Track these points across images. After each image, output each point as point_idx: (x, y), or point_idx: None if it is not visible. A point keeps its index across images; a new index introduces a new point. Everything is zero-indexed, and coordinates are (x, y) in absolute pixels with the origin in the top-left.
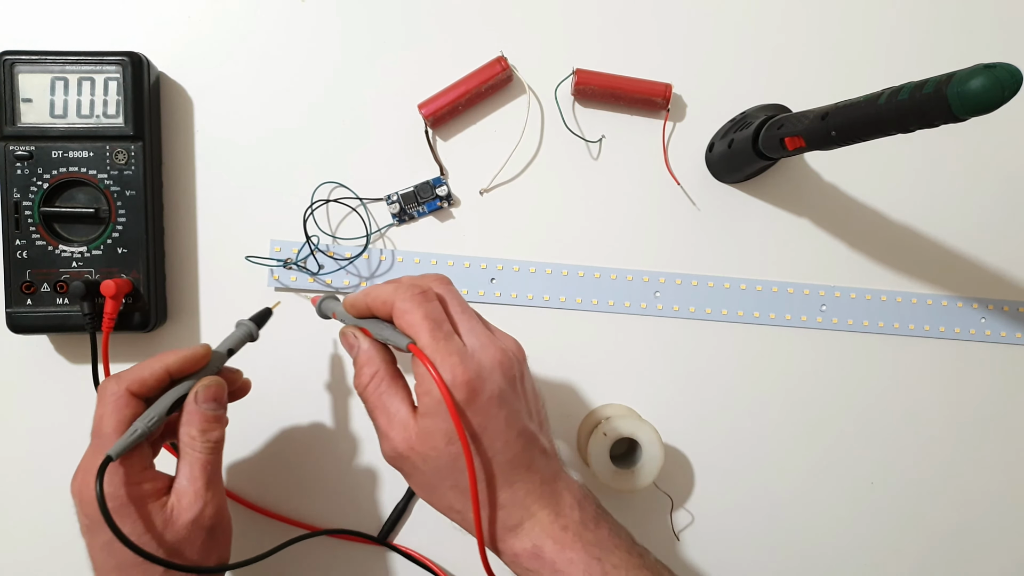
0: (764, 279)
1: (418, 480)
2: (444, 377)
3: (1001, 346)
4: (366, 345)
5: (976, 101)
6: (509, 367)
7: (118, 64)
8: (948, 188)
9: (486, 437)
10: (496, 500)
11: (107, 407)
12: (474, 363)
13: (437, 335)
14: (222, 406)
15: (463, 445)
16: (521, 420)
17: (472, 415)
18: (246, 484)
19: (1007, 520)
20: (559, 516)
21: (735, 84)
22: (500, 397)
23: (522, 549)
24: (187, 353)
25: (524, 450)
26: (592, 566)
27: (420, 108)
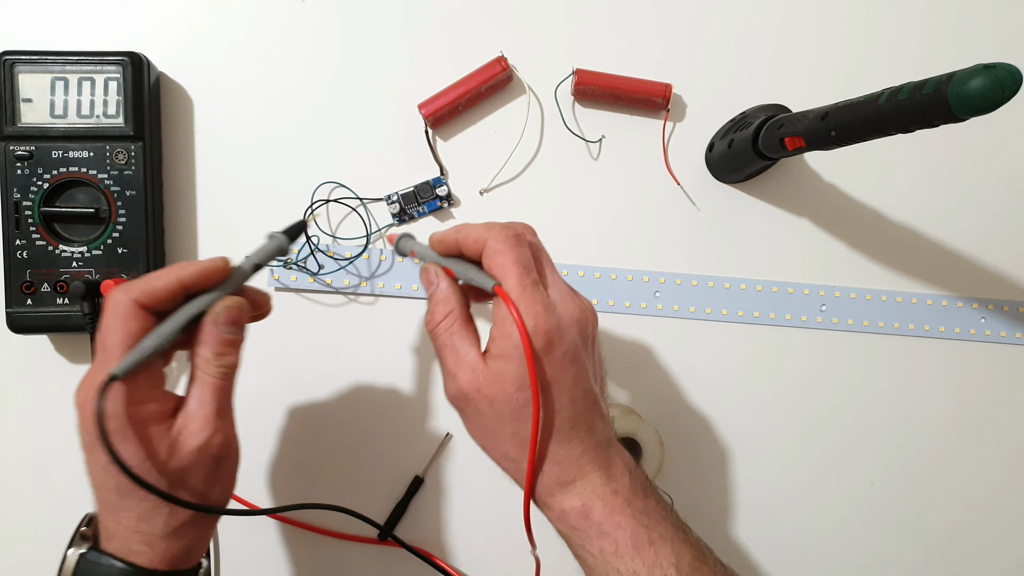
0: (764, 279)
1: (477, 423)
2: (526, 323)
3: (1001, 346)
4: (444, 284)
5: (976, 101)
6: (585, 326)
7: (118, 64)
8: (948, 188)
9: (555, 390)
10: (555, 454)
11: (114, 318)
12: (556, 315)
13: (525, 281)
14: (241, 329)
15: (533, 392)
16: (588, 380)
17: (546, 366)
18: (246, 483)
19: (1007, 520)
20: (611, 480)
21: (735, 84)
22: (574, 353)
23: (571, 507)
24: (205, 265)
25: (587, 410)
26: (639, 533)
27: (420, 108)
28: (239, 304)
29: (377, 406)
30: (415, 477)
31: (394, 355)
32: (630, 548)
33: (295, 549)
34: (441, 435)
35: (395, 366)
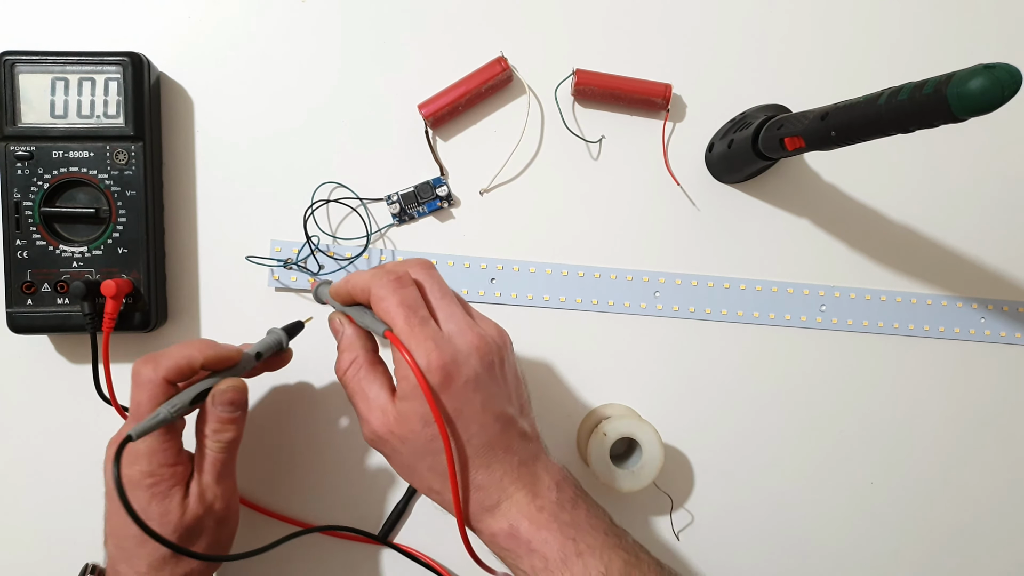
0: (764, 279)
1: (398, 461)
2: (419, 362)
3: (1001, 346)
4: (349, 331)
5: (976, 101)
6: (487, 352)
7: (118, 64)
8: (948, 188)
9: (462, 420)
10: (473, 481)
11: (144, 393)
12: (450, 348)
13: (412, 320)
14: (239, 408)
15: (439, 427)
16: (498, 404)
17: (448, 399)
18: (247, 483)
19: (1007, 520)
20: (536, 497)
21: (735, 84)
22: (476, 381)
23: (499, 529)
24: (222, 352)
25: (501, 433)
26: (566, 546)
27: (420, 108)
28: (235, 387)
29: None
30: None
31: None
32: (559, 562)
33: (295, 549)
34: None
35: None
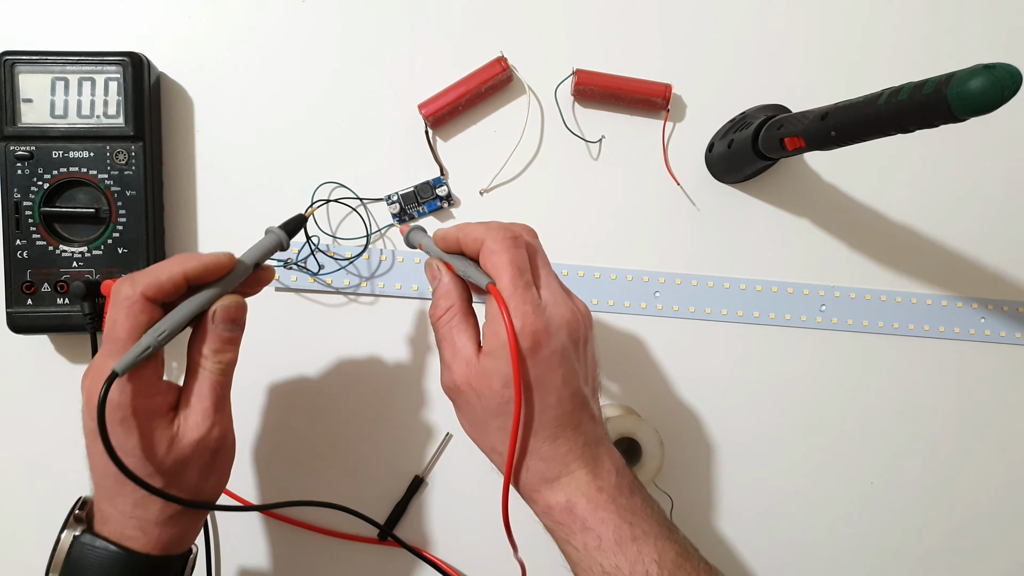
0: (764, 279)
1: (468, 415)
2: (515, 323)
3: (1001, 346)
4: (447, 279)
5: (976, 101)
6: (576, 328)
7: (118, 64)
8: (948, 188)
9: (541, 389)
10: (538, 451)
11: (120, 311)
12: (545, 316)
13: (518, 282)
14: (240, 327)
15: (516, 391)
16: (577, 381)
17: (532, 365)
18: (246, 482)
19: (1007, 520)
20: (596, 478)
21: (735, 84)
22: (562, 354)
23: (556, 502)
24: (208, 260)
25: (574, 410)
26: (623, 528)
27: (420, 108)
28: (238, 303)
29: (377, 406)
30: (415, 477)
31: (394, 355)
32: (613, 543)
33: (295, 549)
34: (441, 435)
35: (395, 366)
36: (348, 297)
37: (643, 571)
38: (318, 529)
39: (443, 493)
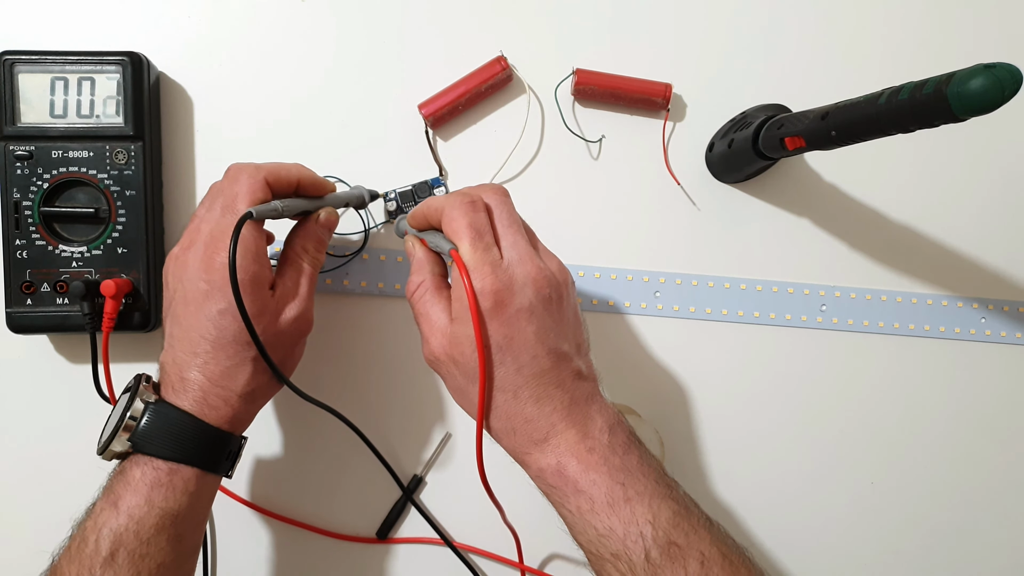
0: (764, 279)
1: (451, 384)
2: (475, 284)
3: (1001, 346)
4: (420, 254)
5: (976, 101)
6: (544, 285)
7: (118, 64)
8: (948, 188)
9: (512, 348)
10: (522, 413)
11: (243, 186)
12: (506, 275)
13: (477, 244)
14: (330, 236)
15: (478, 349)
16: (552, 339)
17: (499, 325)
18: (246, 480)
19: (1007, 520)
20: (586, 437)
21: (735, 84)
22: (529, 311)
23: (547, 464)
24: (319, 179)
25: (554, 367)
26: (614, 490)
27: (420, 108)
28: (336, 215)
29: (377, 406)
30: (414, 476)
31: (393, 354)
32: (605, 505)
33: (295, 549)
34: (441, 435)
35: (394, 365)
36: (346, 296)
37: (637, 532)
38: (316, 529)
39: (442, 493)
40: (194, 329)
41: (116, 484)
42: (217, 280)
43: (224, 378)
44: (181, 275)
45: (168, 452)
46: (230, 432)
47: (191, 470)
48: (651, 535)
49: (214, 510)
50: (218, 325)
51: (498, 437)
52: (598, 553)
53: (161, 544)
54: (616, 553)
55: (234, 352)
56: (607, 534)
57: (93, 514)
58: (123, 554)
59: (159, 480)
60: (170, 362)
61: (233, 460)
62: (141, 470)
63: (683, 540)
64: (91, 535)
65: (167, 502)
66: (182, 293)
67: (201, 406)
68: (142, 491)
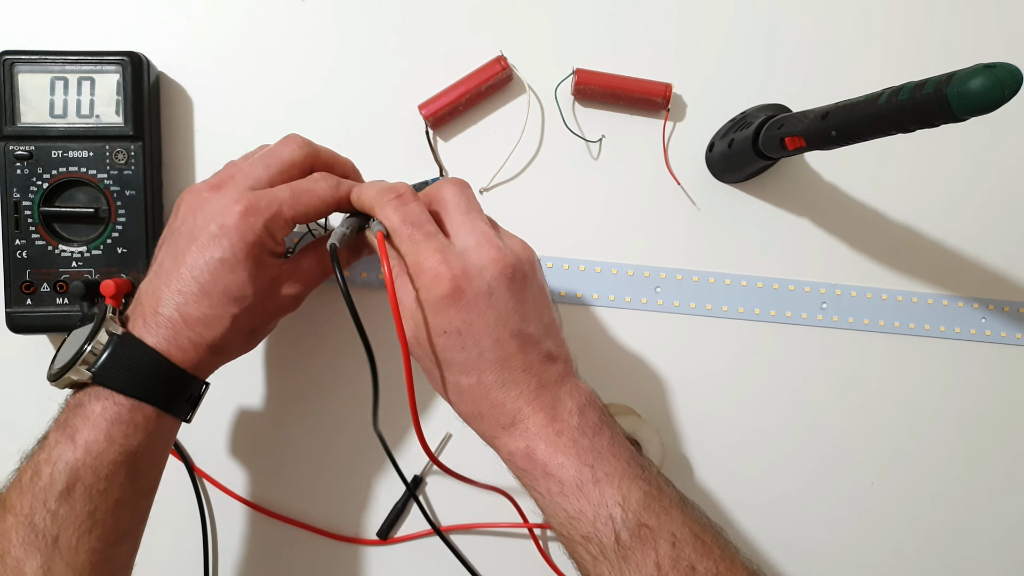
0: (764, 276)
1: (423, 368)
2: (426, 275)
3: (1001, 346)
4: None
5: (976, 101)
6: (505, 267)
7: (118, 64)
8: (948, 188)
9: (472, 333)
10: (488, 397)
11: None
12: (460, 261)
13: (416, 236)
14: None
15: (401, 339)
16: (516, 321)
17: (457, 311)
18: (245, 479)
19: (1007, 520)
20: (555, 420)
21: (735, 84)
22: (489, 295)
23: (516, 448)
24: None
25: (519, 351)
26: (583, 472)
27: (420, 109)
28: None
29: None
30: (414, 477)
31: (393, 353)
32: (574, 488)
33: (295, 549)
34: (441, 435)
35: (394, 365)
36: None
37: (607, 515)
38: (316, 530)
39: (442, 493)
40: (187, 267)
41: (73, 417)
42: (230, 228)
43: (200, 324)
44: (196, 209)
45: (130, 388)
46: (193, 375)
47: (152, 409)
48: (620, 517)
49: (214, 510)
50: (213, 271)
51: (467, 421)
52: (569, 535)
53: (120, 480)
54: (587, 535)
55: (219, 303)
56: (577, 516)
57: (47, 446)
58: (80, 488)
59: (120, 416)
60: (149, 293)
61: (194, 404)
62: (102, 404)
63: (654, 521)
64: (45, 468)
65: (127, 439)
66: (189, 226)
67: (169, 345)
68: (101, 426)
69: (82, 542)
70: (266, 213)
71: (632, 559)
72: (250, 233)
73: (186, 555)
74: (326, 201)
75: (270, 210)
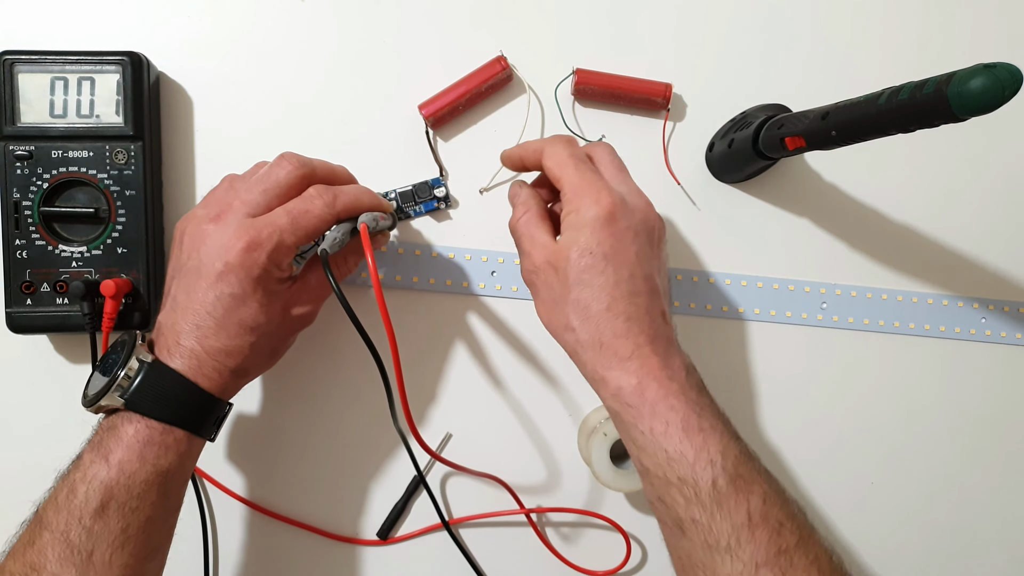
0: (765, 276)
1: (545, 296)
2: (589, 202)
3: (1001, 346)
4: (524, 193)
5: (976, 101)
6: (649, 218)
7: (118, 64)
8: (948, 188)
9: (615, 260)
10: (614, 327)
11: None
12: (620, 195)
13: (583, 168)
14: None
15: (386, 328)
16: (650, 266)
17: (608, 235)
18: (245, 479)
19: (1007, 520)
20: (667, 367)
21: (735, 84)
22: (635, 232)
23: (627, 383)
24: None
25: (647, 293)
26: (691, 418)
27: (420, 109)
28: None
29: (377, 405)
30: (415, 477)
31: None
32: (680, 430)
33: (295, 550)
34: (441, 435)
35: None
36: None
37: (707, 459)
38: (316, 530)
39: (443, 493)
40: (199, 303)
41: (107, 439)
42: (235, 266)
43: (221, 354)
44: (199, 244)
45: (161, 413)
46: (219, 399)
47: (182, 432)
48: (721, 464)
49: (214, 511)
50: (226, 306)
51: (582, 349)
52: (664, 476)
53: (151, 499)
54: (683, 478)
55: (236, 334)
56: (677, 458)
57: (82, 466)
58: (114, 506)
59: (152, 438)
60: (169, 325)
61: (219, 425)
62: (134, 427)
63: (748, 475)
64: (80, 486)
65: (159, 460)
66: (195, 264)
67: (196, 373)
68: (134, 447)
69: (115, 558)
70: (268, 245)
71: (726, 504)
72: (255, 268)
73: (186, 555)
74: (324, 219)
75: (271, 241)
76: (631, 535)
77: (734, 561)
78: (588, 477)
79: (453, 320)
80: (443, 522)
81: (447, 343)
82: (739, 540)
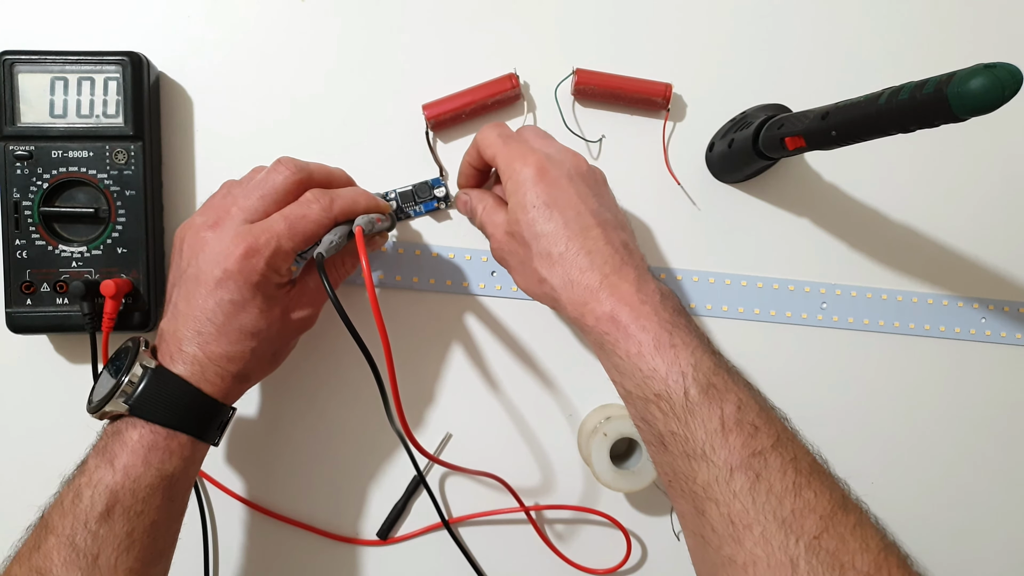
0: (764, 275)
1: (516, 263)
2: (516, 163)
3: (1001, 346)
4: (474, 193)
5: (976, 101)
6: (580, 164)
7: (118, 64)
8: (948, 188)
9: (557, 205)
10: (576, 263)
11: (310, 224)
12: (542, 152)
13: (509, 141)
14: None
15: (379, 326)
16: (592, 202)
17: (543, 187)
18: (245, 479)
19: (1007, 520)
20: (639, 292)
21: (735, 84)
22: (568, 178)
23: (603, 312)
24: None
25: (598, 226)
26: (661, 336)
27: (424, 110)
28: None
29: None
30: (415, 477)
31: (393, 352)
32: (652, 348)
33: (295, 550)
34: (441, 434)
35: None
36: (345, 286)
37: (679, 371)
38: (316, 530)
39: (442, 493)
40: (199, 309)
41: (112, 444)
42: (233, 272)
43: (223, 359)
44: (197, 251)
45: (165, 418)
46: (222, 403)
47: (186, 436)
48: (692, 375)
49: (215, 511)
50: (226, 313)
51: (557, 295)
52: (643, 395)
53: (156, 503)
54: (659, 393)
55: (237, 339)
56: (651, 375)
57: (87, 470)
58: (119, 510)
59: (156, 443)
60: (171, 332)
61: (222, 429)
62: (139, 432)
63: (722, 385)
64: (86, 490)
65: (163, 464)
66: (195, 271)
67: (198, 378)
68: (139, 452)
69: (120, 561)
70: (266, 252)
71: (699, 413)
72: (254, 274)
73: (186, 555)
74: (321, 224)
75: (269, 247)
76: (631, 532)
77: (710, 467)
78: (587, 476)
79: (453, 320)
80: (443, 521)
81: (447, 343)
82: (713, 446)
